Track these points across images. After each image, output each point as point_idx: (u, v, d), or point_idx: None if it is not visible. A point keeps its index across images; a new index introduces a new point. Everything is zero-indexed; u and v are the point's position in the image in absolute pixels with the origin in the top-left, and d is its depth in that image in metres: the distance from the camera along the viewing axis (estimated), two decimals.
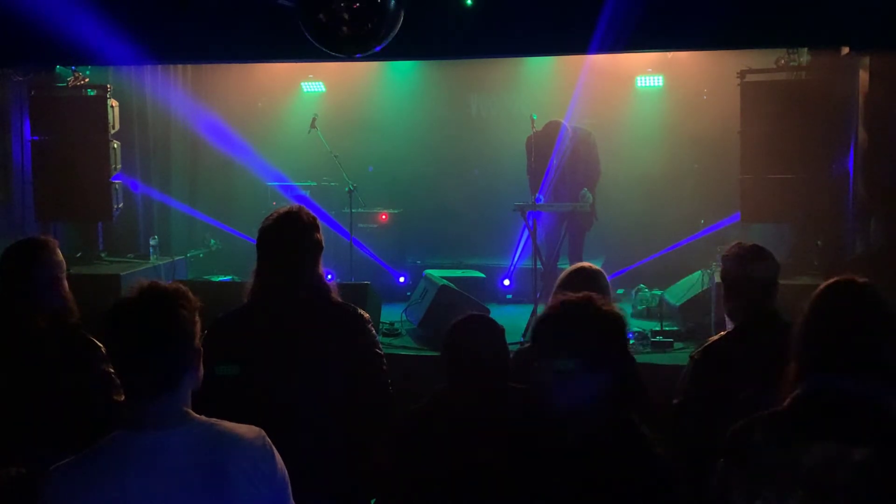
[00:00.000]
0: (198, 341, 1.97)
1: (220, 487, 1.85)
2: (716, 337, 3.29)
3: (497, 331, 2.80)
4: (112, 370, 2.63)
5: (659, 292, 7.50)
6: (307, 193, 8.84)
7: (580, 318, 2.13)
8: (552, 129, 7.09)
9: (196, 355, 1.96)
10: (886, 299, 2.08)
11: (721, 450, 2.06)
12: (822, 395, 1.98)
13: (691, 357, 3.25)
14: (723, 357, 3.11)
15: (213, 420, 1.94)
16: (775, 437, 1.96)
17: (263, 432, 1.97)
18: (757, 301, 3.19)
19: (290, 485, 1.98)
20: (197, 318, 1.98)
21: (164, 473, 1.83)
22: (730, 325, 3.28)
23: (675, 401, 3.19)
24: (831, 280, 2.15)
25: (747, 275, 3.20)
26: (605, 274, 3.38)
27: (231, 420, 1.98)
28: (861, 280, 2.13)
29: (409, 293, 7.83)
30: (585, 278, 3.27)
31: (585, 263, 3.44)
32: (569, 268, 3.45)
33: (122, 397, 1.99)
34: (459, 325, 2.78)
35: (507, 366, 2.82)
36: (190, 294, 1.98)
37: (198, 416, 1.94)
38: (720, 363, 3.10)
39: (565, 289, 3.26)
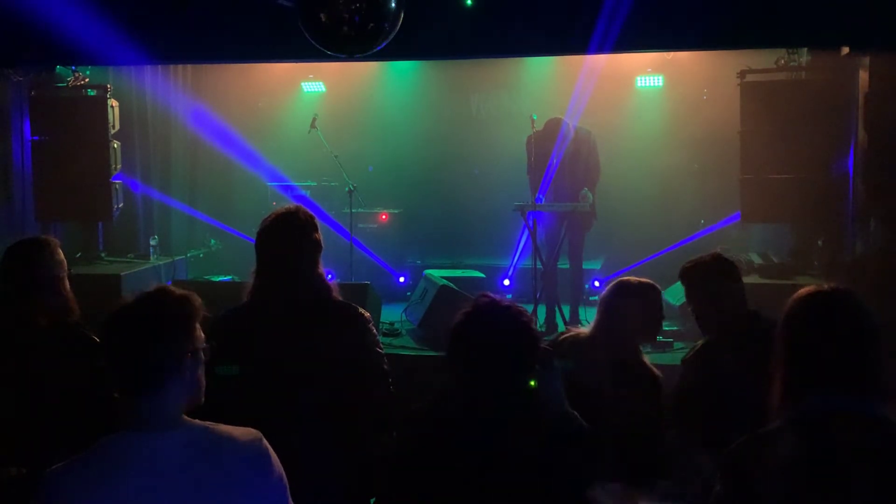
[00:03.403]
0: (192, 347, 1.96)
1: (214, 491, 1.85)
2: (702, 341, 3.31)
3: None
4: None
5: None
6: (307, 193, 8.84)
7: None
8: (553, 127, 7.09)
9: (185, 360, 1.94)
10: (868, 307, 2.02)
11: (717, 473, 2.03)
12: (817, 414, 1.93)
13: (683, 361, 3.28)
14: (713, 360, 3.13)
15: (209, 424, 1.94)
16: (772, 460, 1.92)
17: (260, 435, 1.96)
18: (738, 307, 3.22)
19: (288, 486, 1.98)
20: (196, 325, 1.98)
21: (158, 477, 1.83)
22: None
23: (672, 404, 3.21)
24: (809, 290, 2.07)
25: (724, 286, 3.23)
26: (649, 286, 3.31)
27: (231, 420, 1.98)
28: (841, 288, 2.05)
29: (409, 293, 7.83)
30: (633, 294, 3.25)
31: (632, 279, 3.37)
32: (612, 283, 3.38)
33: None
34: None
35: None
36: (194, 301, 1.99)
37: (192, 420, 1.94)
38: (712, 365, 3.11)
39: (610, 306, 3.26)
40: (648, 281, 3.35)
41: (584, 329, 3.40)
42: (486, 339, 2.14)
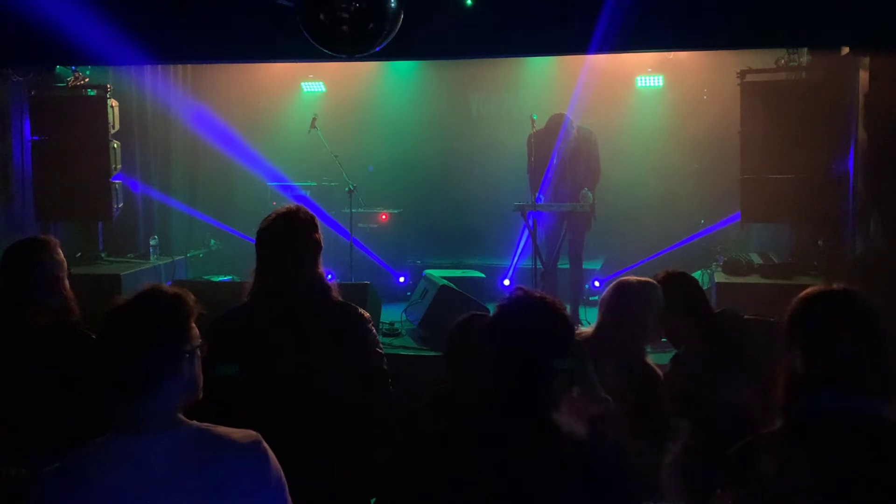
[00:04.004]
0: (189, 347, 1.95)
1: (210, 493, 1.84)
2: (679, 352, 3.33)
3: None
4: None
5: None
6: (307, 193, 8.84)
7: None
8: (555, 122, 7.09)
9: (182, 360, 1.94)
10: (874, 308, 2.01)
11: (719, 477, 2.02)
12: (822, 414, 1.93)
13: (665, 374, 3.30)
14: (693, 365, 3.15)
15: (206, 425, 1.93)
16: (778, 461, 1.90)
17: (259, 436, 1.95)
18: (701, 315, 3.25)
19: (286, 488, 1.96)
20: (191, 324, 1.97)
21: (151, 479, 1.82)
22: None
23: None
24: (815, 290, 2.07)
25: (682, 301, 3.26)
26: (650, 286, 3.29)
27: (230, 420, 1.97)
28: (848, 289, 2.05)
29: (409, 293, 7.84)
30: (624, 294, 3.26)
31: (632, 279, 3.35)
32: (612, 284, 3.37)
33: None
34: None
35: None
36: (188, 299, 1.98)
37: (189, 421, 1.93)
38: (691, 372, 3.13)
39: (611, 308, 3.27)
40: (649, 280, 3.33)
41: (587, 329, 3.39)
42: (524, 328, 2.20)
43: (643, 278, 3.35)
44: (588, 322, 6.42)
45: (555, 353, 2.19)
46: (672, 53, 8.40)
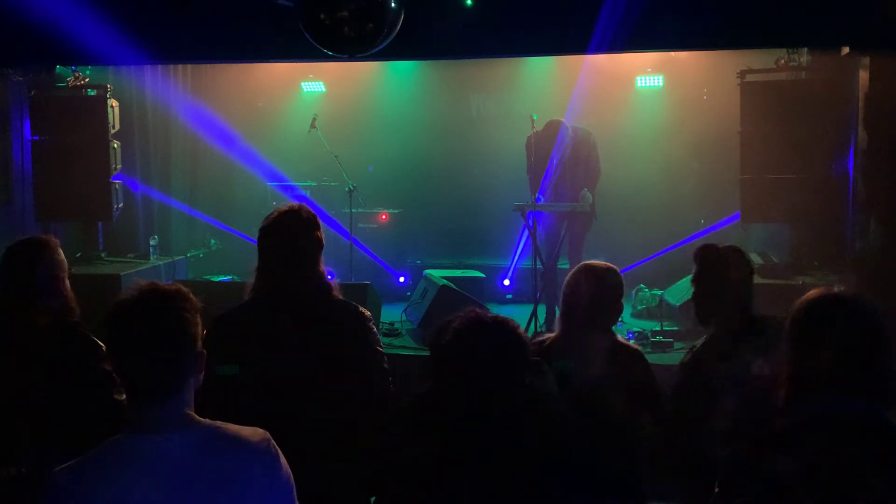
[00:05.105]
0: (200, 344, 1.95)
1: (224, 491, 1.84)
2: (700, 342, 3.30)
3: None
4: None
5: (659, 292, 7.50)
6: (307, 193, 8.85)
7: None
8: (553, 128, 7.09)
9: (198, 358, 1.94)
10: (877, 311, 2.02)
11: (718, 476, 2.02)
12: (822, 417, 1.93)
13: (682, 363, 3.28)
14: (712, 362, 3.13)
15: (218, 423, 1.93)
16: (778, 462, 1.91)
17: (268, 435, 1.95)
18: (740, 303, 3.20)
19: (294, 487, 1.97)
20: (198, 320, 1.95)
21: (168, 478, 1.82)
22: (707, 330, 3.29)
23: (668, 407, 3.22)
24: (818, 292, 2.07)
25: (731, 277, 3.20)
26: (614, 270, 3.32)
27: (231, 419, 1.97)
28: (850, 292, 2.05)
29: (409, 293, 7.84)
30: (593, 277, 3.26)
31: (594, 262, 3.37)
32: (577, 266, 3.40)
33: (123, 396, 1.98)
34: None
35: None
36: (191, 295, 1.96)
37: (201, 419, 1.92)
38: (709, 369, 3.11)
39: (570, 288, 3.28)
40: (609, 264, 3.34)
41: (551, 335, 3.40)
42: (479, 353, 2.20)
43: (604, 263, 3.36)
44: None
45: (515, 373, 2.19)
46: (672, 53, 8.40)
